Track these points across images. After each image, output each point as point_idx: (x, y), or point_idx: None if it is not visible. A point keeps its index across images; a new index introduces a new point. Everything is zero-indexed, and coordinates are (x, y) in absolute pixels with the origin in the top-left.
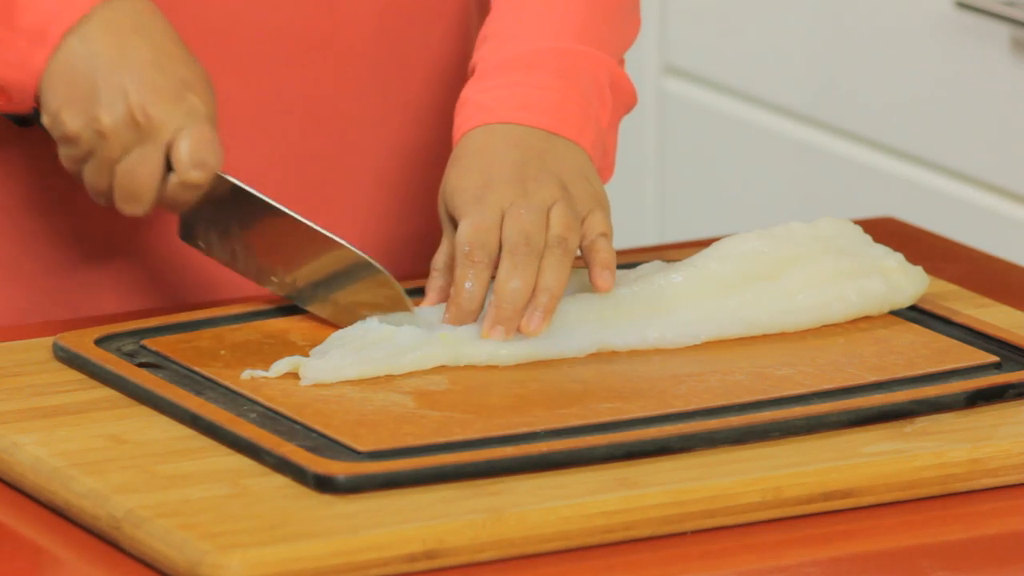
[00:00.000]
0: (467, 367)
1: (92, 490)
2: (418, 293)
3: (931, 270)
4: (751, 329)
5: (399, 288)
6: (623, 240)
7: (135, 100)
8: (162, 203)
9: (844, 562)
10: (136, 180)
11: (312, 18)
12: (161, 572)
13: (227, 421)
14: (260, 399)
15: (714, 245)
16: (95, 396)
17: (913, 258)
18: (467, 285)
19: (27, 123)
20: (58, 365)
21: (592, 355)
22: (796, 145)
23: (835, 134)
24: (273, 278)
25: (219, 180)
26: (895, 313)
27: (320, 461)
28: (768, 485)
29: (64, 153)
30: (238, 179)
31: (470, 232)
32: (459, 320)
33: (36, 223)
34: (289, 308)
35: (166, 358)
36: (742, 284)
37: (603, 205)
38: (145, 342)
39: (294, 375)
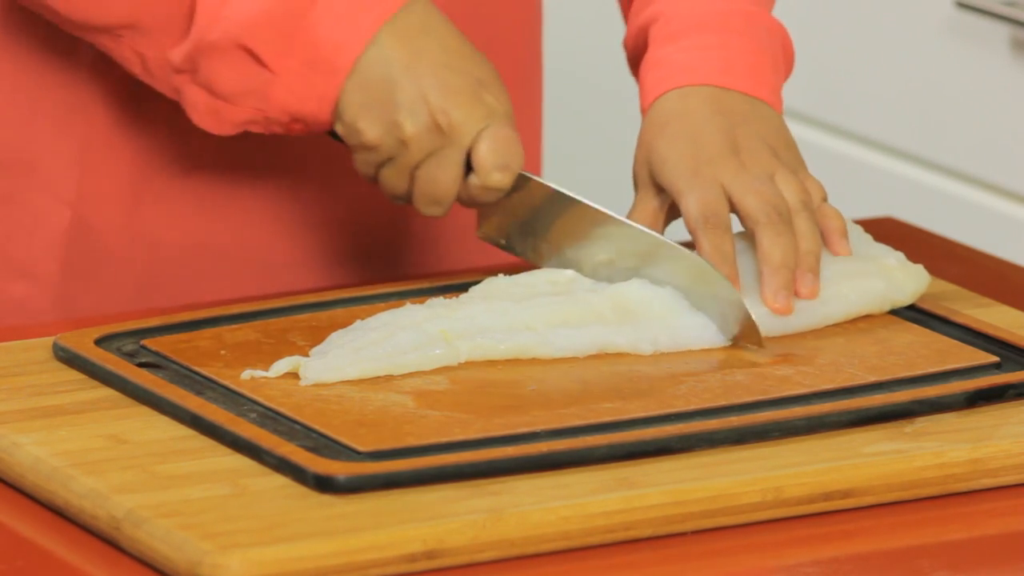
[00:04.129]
0: (467, 367)
1: (92, 490)
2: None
3: (931, 270)
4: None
5: (703, 262)
6: None
7: (436, 105)
8: (461, 202)
9: (844, 562)
10: (438, 185)
11: None
12: (161, 572)
13: (227, 421)
14: (260, 399)
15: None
16: (95, 396)
17: (913, 258)
18: (719, 248)
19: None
20: (58, 365)
21: (592, 355)
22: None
23: (835, 134)
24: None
25: (519, 178)
26: (895, 313)
27: (320, 461)
28: (768, 485)
29: (361, 159)
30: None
31: (701, 206)
32: (728, 277)
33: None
34: (289, 308)
35: (166, 358)
36: (741, 283)
37: (807, 168)
38: (145, 342)
39: (294, 375)
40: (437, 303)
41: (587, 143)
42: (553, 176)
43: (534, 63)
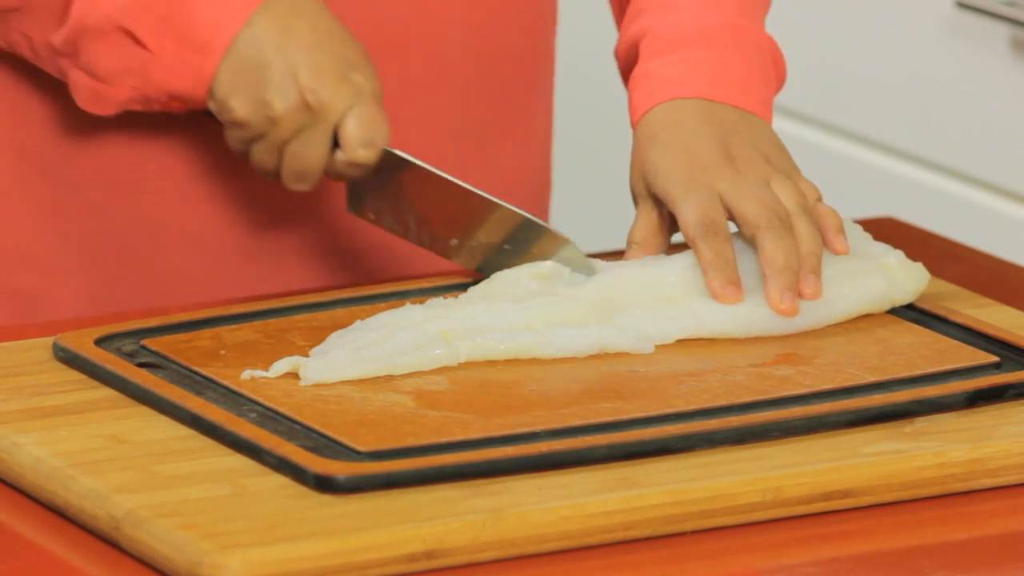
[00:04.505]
0: (467, 367)
1: (92, 490)
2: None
3: (931, 270)
4: (750, 328)
5: (577, 247)
6: (622, 240)
7: (306, 84)
8: (329, 176)
9: (844, 562)
10: (305, 160)
11: (401, 16)
12: (161, 572)
13: (227, 421)
14: (260, 399)
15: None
16: (95, 396)
17: (913, 258)
18: (720, 255)
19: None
20: (58, 365)
21: (592, 355)
22: (796, 145)
23: (835, 134)
24: (452, 244)
25: (386, 154)
26: (895, 313)
27: (320, 461)
28: (768, 485)
29: (232, 135)
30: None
31: (698, 214)
32: (726, 287)
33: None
34: (289, 308)
35: (166, 358)
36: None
37: (800, 172)
38: (145, 342)
39: (294, 375)
40: (437, 303)
41: (597, 150)
42: (563, 183)
43: (546, 70)
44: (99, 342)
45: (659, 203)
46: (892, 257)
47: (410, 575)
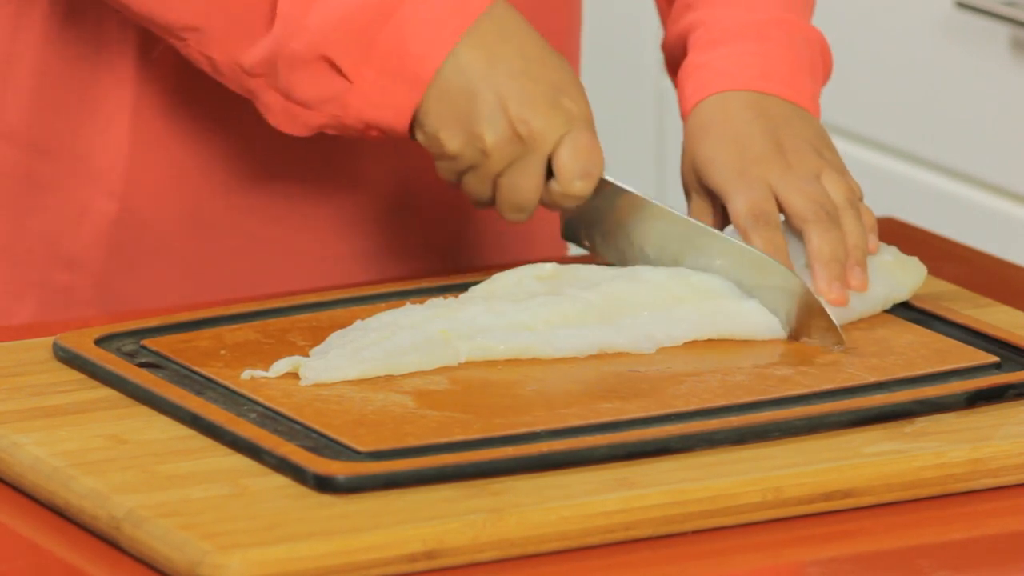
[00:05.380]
0: (467, 367)
1: (92, 490)
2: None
3: (931, 270)
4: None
5: (786, 267)
6: None
7: (516, 114)
8: (544, 205)
9: (844, 562)
10: (521, 192)
11: None
12: (161, 572)
13: (227, 421)
14: (260, 399)
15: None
16: (95, 396)
17: (909, 255)
18: (772, 242)
19: None
20: (58, 365)
21: (592, 355)
22: None
23: (835, 134)
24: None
25: (601, 183)
26: (895, 313)
27: (320, 461)
28: (768, 485)
29: (443, 167)
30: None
31: (750, 206)
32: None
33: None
34: (289, 308)
35: (166, 358)
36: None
37: (847, 169)
38: (145, 342)
39: (294, 375)
40: (437, 303)
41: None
42: None
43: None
44: (99, 342)
45: (711, 196)
46: (888, 254)
47: (410, 575)
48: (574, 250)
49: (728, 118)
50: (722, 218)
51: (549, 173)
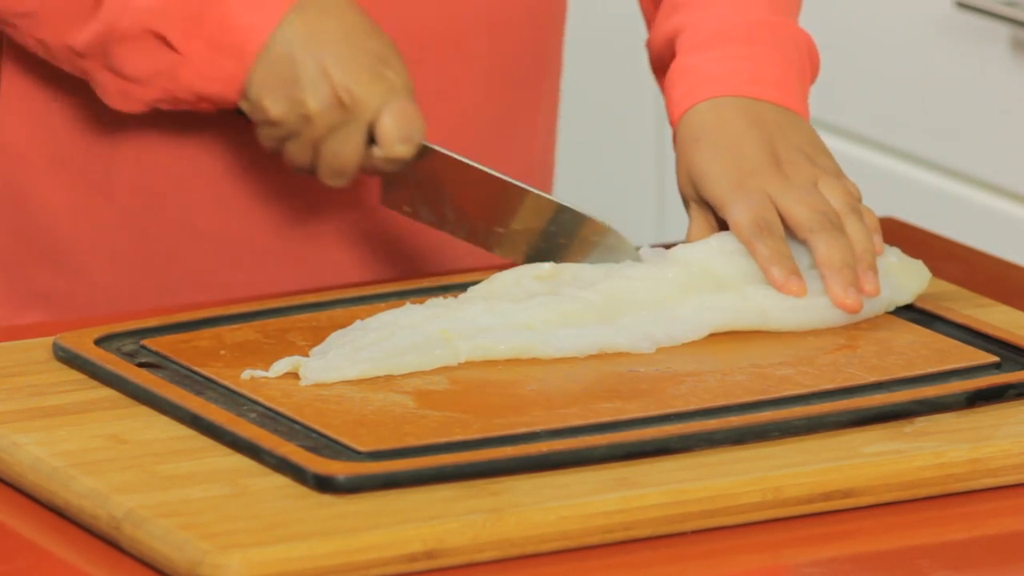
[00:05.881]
0: (467, 367)
1: (92, 490)
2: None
3: (931, 270)
4: (749, 325)
5: (620, 234)
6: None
7: (339, 81)
8: (364, 172)
9: (844, 562)
10: (341, 157)
11: (426, 17)
12: (161, 572)
13: (227, 421)
14: (260, 399)
15: (710, 240)
16: (95, 396)
17: (913, 258)
18: (778, 251)
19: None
20: (58, 365)
21: (592, 355)
22: None
23: (835, 134)
24: (491, 235)
25: (421, 148)
26: (895, 313)
27: (320, 461)
28: (768, 485)
29: (265, 134)
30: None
31: (752, 216)
32: (788, 277)
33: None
34: (289, 308)
35: (166, 358)
36: (740, 281)
37: (842, 170)
38: (145, 342)
39: (294, 375)
40: (437, 303)
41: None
42: (567, 177)
43: (555, 65)
44: (99, 342)
45: (710, 207)
46: (892, 255)
47: (410, 575)
48: None
49: (721, 126)
50: (721, 228)
51: (371, 142)
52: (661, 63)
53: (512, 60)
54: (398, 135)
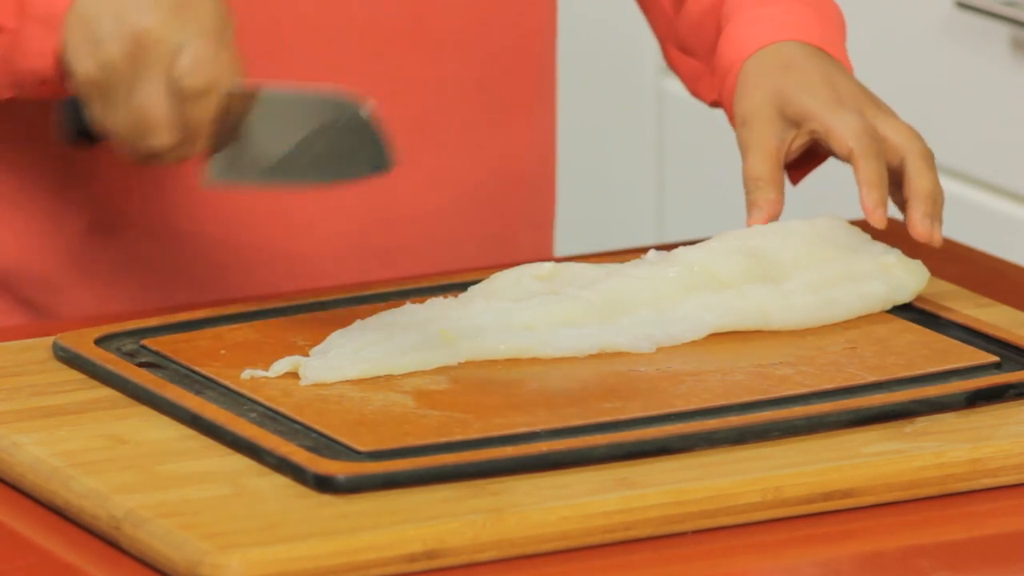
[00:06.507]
0: (467, 367)
1: (92, 490)
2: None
3: (931, 270)
4: (749, 325)
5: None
6: (621, 240)
7: (135, 21)
8: (186, 132)
9: (844, 562)
10: (145, 107)
11: (400, 5)
12: (161, 572)
13: (227, 421)
14: (260, 399)
15: (710, 241)
16: (95, 396)
17: (912, 258)
18: (880, 174)
19: (90, 141)
20: (58, 365)
21: (592, 355)
22: None
23: None
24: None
25: (231, 99)
26: (895, 313)
27: (320, 461)
28: (768, 485)
29: (95, 111)
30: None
31: (856, 128)
32: (877, 207)
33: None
34: (289, 308)
35: (166, 358)
36: (740, 281)
37: None
38: (145, 342)
39: (294, 375)
40: (437, 303)
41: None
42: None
43: (548, 64)
44: (99, 342)
45: (783, 129)
46: (891, 255)
47: (410, 575)
48: (570, 251)
49: (807, 60)
50: (785, 155)
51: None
52: (700, 33)
53: (500, 49)
54: (190, 69)
